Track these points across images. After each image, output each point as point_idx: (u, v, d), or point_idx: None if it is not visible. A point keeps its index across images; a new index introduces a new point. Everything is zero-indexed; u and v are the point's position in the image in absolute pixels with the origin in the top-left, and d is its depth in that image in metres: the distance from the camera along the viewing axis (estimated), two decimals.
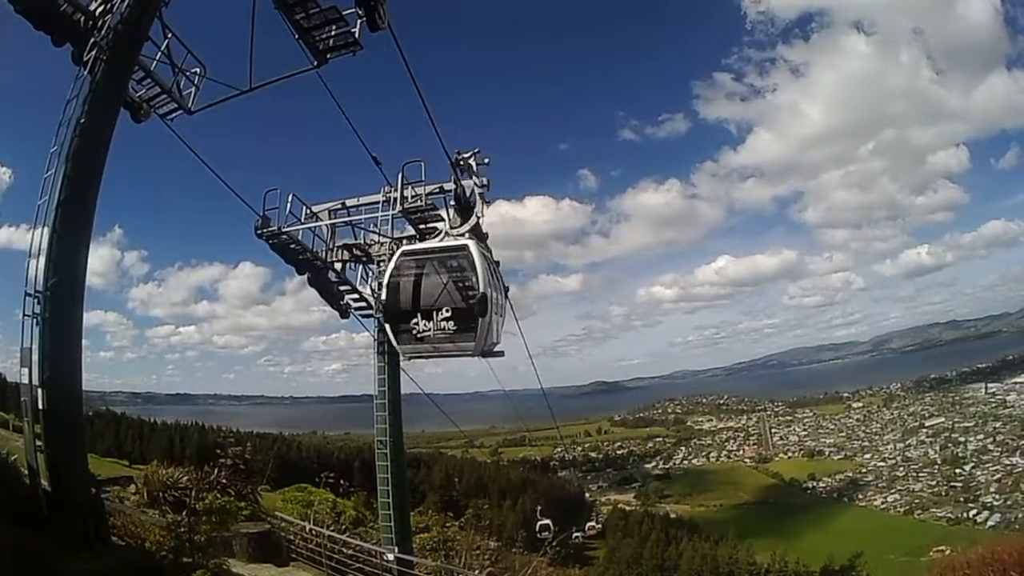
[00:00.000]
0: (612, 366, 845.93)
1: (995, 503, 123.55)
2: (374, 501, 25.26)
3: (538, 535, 46.09)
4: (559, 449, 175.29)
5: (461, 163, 16.65)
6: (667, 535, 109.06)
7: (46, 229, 12.04)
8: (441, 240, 15.58)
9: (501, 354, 22.47)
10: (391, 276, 15.21)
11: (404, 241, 21.64)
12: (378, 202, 21.44)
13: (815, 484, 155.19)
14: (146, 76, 15.29)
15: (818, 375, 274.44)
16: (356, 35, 14.35)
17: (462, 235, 15.33)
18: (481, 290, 14.05)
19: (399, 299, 15.19)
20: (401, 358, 17.98)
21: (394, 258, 15.45)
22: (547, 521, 52.30)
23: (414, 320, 14.53)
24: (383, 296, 15.59)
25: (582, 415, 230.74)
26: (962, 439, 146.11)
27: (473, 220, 16.32)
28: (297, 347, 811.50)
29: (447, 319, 14.25)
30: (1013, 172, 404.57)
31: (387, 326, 15.67)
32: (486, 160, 16.78)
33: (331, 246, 22.96)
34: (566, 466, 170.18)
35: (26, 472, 12.22)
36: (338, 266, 23.01)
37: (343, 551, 19.18)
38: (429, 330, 14.40)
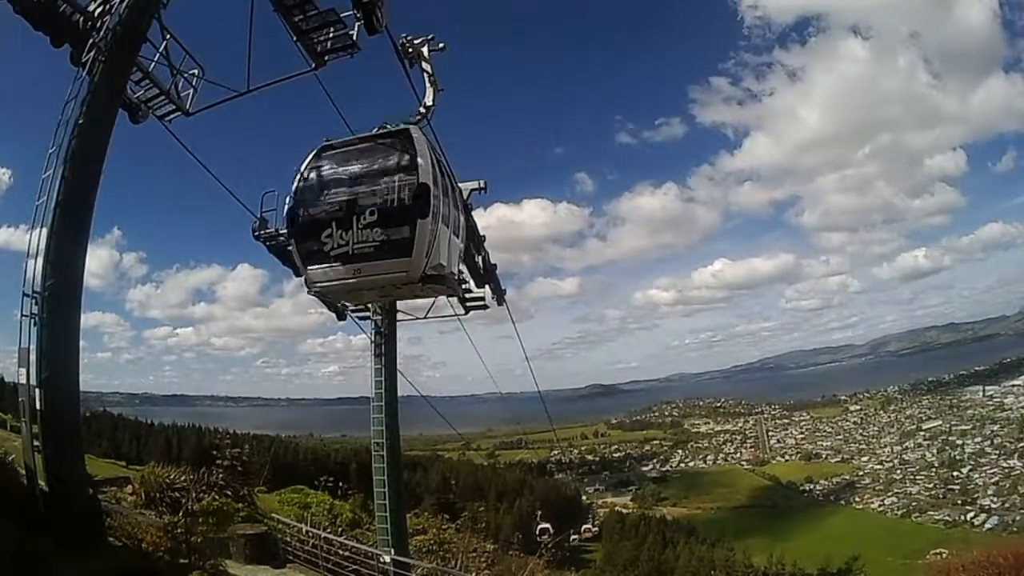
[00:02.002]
0: (609, 369, 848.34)
1: (993, 506, 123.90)
2: (371, 503, 25.21)
3: (537, 538, 46.18)
4: (556, 452, 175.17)
5: (411, 51, 15.12)
6: (664, 538, 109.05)
7: (44, 230, 12.03)
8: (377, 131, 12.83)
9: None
10: (302, 176, 12.61)
11: None
12: None
13: (812, 487, 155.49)
14: (144, 77, 15.28)
15: (815, 378, 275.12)
16: (354, 37, 14.37)
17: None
18: (420, 179, 11.30)
19: (309, 204, 12.41)
20: (305, 287, 12.90)
21: (310, 155, 12.85)
22: (546, 524, 52.39)
23: (327, 232, 11.80)
24: (288, 202, 12.93)
25: (579, 418, 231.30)
26: (959, 442, 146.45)
27: (422, 111, 14.80)
28: (294, 349, 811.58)
29: (372, 225, 11.42)
30: (1010, 175, 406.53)
31: (292, 245, 12.83)
32: (441, 45, 15.56)
33: None
34: (563, 469, 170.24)
35: (24, 472, 12.22)
36: None
37: (340, 553, 19.18)
38: (347, 243, 11.52)
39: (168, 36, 14.88)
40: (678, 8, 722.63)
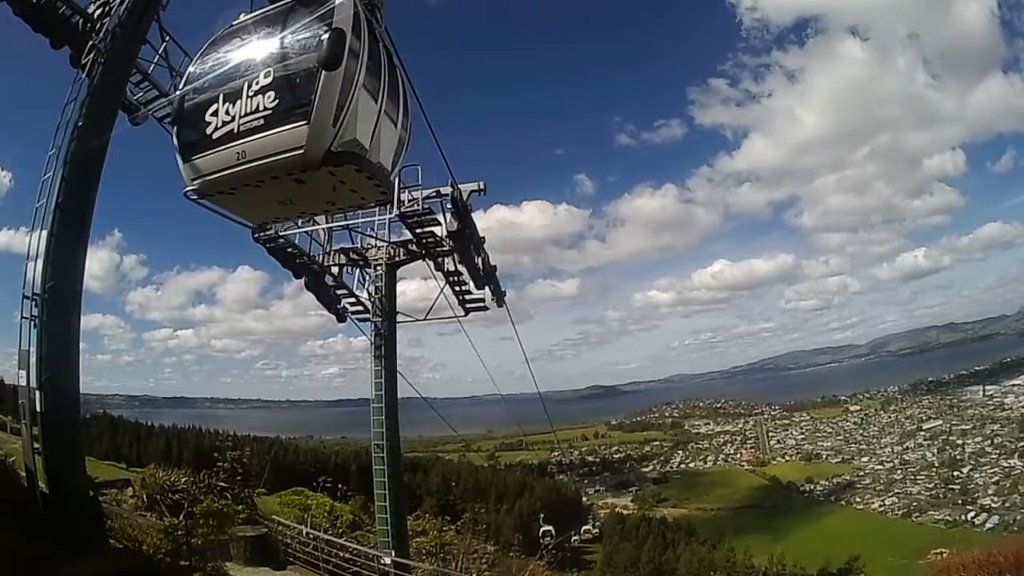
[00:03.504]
0: (609, 370, 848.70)
1: (993, 505, 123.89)
2: (371, 505, 25.23)
3: (540, 540, 46.16)
4: (556, 453, 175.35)
5: None
6: (664, 538, 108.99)
7: (44, 232, 12.03)
8: None
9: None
10: (200, 56, 10.33)
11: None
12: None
13: (812, 487, 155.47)
14: (144, 79, 15.27)
15: (815, 378, 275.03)
16: None
17: None
18: (335, 24, 8.82)
19: (198, 81, 9.96)
20: (187, 185, 10.04)
21: (215, 35, 10.45)
22: (549, 527, 52.44)
23: (212, 109, 9.41)
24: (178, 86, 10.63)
25: (579, 419, 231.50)
26: (960, 442, 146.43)
27: None
28: (294, 351, 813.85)
29: (265, 89, 8.95)
30: (1010, 175, 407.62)
31: (173, 132, 10.38)
32: None
33: (328, 250, 22.95)
34: (563, 470, 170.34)
35: (24, 474, 12.22)
36: (335, 270, 22.98)
37: (340, 555, 19.19)
38: (232, 119, 9.10)
39: (167, 38, 14.86)
40: (676, 10, 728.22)
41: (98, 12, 13.21)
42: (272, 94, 8.86)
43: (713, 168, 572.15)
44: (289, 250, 21.29)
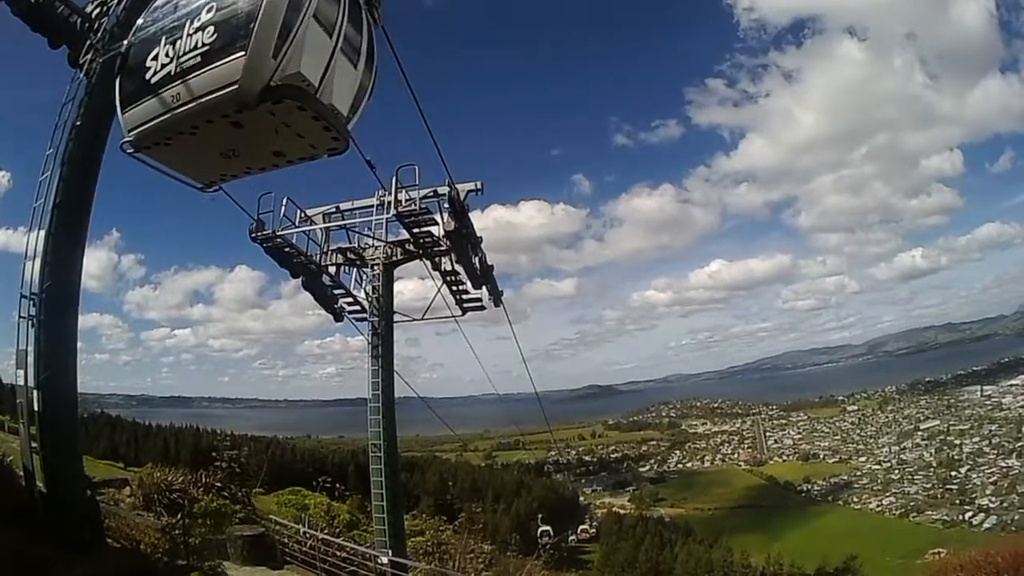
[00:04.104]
0: (606, 370, 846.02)
1: (991, 505, 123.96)
2: (368, 505, 25.20)
3: (538, 539, 46.22)
4: (553, 453, 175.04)
5: None
6: (661, 538, 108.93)
7: (42, 232, 12.05)
8: None
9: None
10: (148, 6, 9.59)
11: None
12: (372, 206, 21.37)
13: (810, 487, 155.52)
14: None
15: (812, 378, 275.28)
16: None
17: None
18: None
19: (142, 31, 9.23)
20: (126, 138, 9.33)
21: None
22: (547, 527, 52.49)
23: (154, 52, 8.65)
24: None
25: (576, 419, 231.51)
26: (957, 442, 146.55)
27: None
28: (292, 351, 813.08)
29: (206, 25, 8.16)
30: (1007, 175, 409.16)
31: (116, 84, 9.49)
32: None
33: (325, 250, 22.91)
34: (560, 470, 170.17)
35: (22, 474, 12.23)
36: (332, 270, 22.95)
37: (337, 554, 19.18)
38: (171, 59, 8.32)
39: None
40: (674, 11, 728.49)
41: (96, 12, 13.20)
42: (212, 28, 8.06)
43: (710, 168, 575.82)
44: (286, 249, 21.26)
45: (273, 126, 8.59)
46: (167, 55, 8.37)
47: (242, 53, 7.78)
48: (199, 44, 8.10)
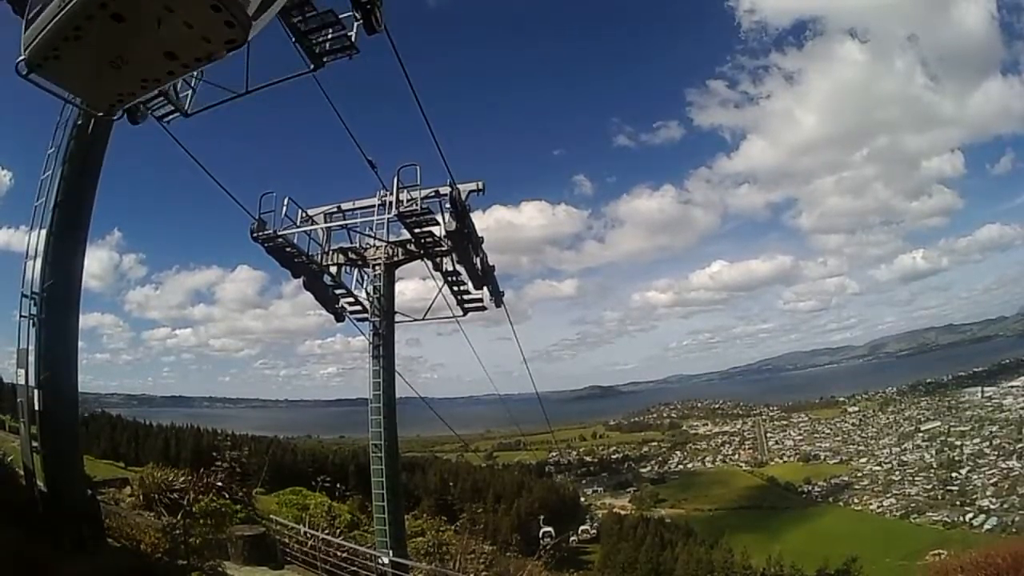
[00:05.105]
0: (607, 370, 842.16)
1: (991, 507, 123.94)
2: (369, 505, 25.18)
3: (540, 540, 46.17)
4: (554, 453, 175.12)
5: None
6: (662, 539, 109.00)
7: (43, 231, 12.05)
8: None
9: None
10: None
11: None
12: (373, 206, 21.34)
13: (810, 488, 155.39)
14: None
15: (813, 379, 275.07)
16: (352, 39, 14.31)
17: None
18: None
19: None
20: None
21: None
22: (549, 528, 52.45)
23: None
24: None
25: (577, 419, 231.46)
26: (958, 443, 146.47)
27: None
28: (293, 351, 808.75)
29: None
30: (1008, 177, 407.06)
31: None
32: None
33: (326, 250, 22.90)
34: (561, 470, 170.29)
35: (22, 473, 12.22)
36: (333, 270, 22.93)
37: (338, 554, 19.17)
38: None
39: None
40: (675, 12, 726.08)
41: None
42: None
43: (711, 169, 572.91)
44: (288, 249, 21.25)
45: (155, 15, 6.84)
46: None
47: None
48: None
